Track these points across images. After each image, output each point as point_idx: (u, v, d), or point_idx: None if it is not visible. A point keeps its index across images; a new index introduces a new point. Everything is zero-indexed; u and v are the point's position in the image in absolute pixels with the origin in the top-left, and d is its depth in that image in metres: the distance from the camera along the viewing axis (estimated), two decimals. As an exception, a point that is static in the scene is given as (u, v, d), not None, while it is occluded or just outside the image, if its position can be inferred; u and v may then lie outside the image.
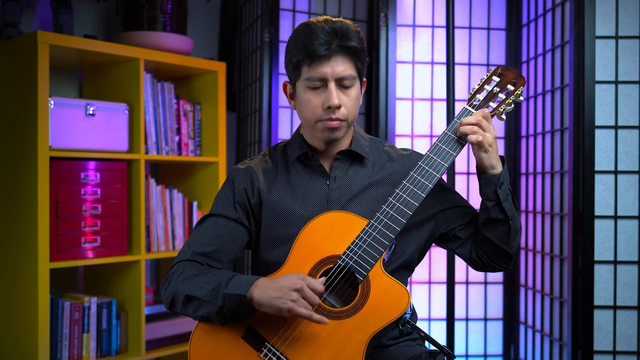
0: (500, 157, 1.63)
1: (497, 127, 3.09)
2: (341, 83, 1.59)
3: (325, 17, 1.63)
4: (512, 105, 1.64)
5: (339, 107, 1.59)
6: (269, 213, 1.67)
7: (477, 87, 1.66)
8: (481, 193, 1.64)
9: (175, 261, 1.66)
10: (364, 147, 1.71)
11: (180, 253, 1.67)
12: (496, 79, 1.65)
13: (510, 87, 1.64)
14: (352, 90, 1.61)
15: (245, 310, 1.51)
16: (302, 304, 1.44)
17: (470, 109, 1.63)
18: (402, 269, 1.68)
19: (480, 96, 1.64)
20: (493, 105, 1.63)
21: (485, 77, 1.66)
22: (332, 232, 1.57)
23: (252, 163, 1.74)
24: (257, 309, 1.49)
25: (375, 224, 1.55)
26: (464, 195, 3.04)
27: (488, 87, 1.65)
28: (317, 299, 1.45)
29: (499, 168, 1.61)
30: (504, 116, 1.64)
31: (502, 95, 1.64)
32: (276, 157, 1.75)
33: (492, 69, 1.68)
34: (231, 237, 1.66)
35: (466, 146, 1.73)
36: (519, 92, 1.64)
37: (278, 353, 1.51)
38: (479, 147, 1.58)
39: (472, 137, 1.57)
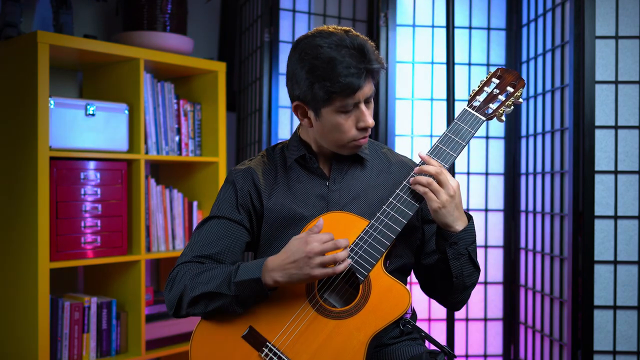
0: (467, 214, 1.58)
1: (498, 127, 3.09)
2: (367, 101, 1.60)
3: (334, 30, 1.58)
4: (512, 107, 1.64)
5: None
6: (270, 215, 1.67)
7: (476, 89, 1.66)
8: (435, 241, 1.62)
9: (176, 264, 1.65)
10: (363, 148, 1.71)
11: (182, 256, 1.66)
12: (496, 80, 1.66)
13: (510, 89, 1.64)
14: (372, 103, 1.63)
15: (261, 292, 1.49)
16: (325, 261, 1.44)
17: (470, 110, 1.63)
18: (400, 271, 1.68)
19: (480, 98, 1.64)
20: (493, 107, 1.63)
21: (485, 79, 1.66)
22: (333, 232, 1.56)
23: (252, 164, 1.73)
24: (275, 287, 1.50)
25: (376, 224, 1.55)
26: (464, 196, 3.04)
27: (488, 89, 1.65)
28: (333, 245, 1.45)
29: (456, 227, 1.54)
30: (503, 117, 1.64)
31: (501, 97, 1.64)
32: (274, 158, 1.74)
33: (492, 71, 1.68)
34: (234, 239, 1.66)
35: (468, 145, 1.73)
36: (519, 94, 1.64)
37: (279, 353, 1.51)
38: (430, 205, 1.53)
39: (421, 192, 1.54)
